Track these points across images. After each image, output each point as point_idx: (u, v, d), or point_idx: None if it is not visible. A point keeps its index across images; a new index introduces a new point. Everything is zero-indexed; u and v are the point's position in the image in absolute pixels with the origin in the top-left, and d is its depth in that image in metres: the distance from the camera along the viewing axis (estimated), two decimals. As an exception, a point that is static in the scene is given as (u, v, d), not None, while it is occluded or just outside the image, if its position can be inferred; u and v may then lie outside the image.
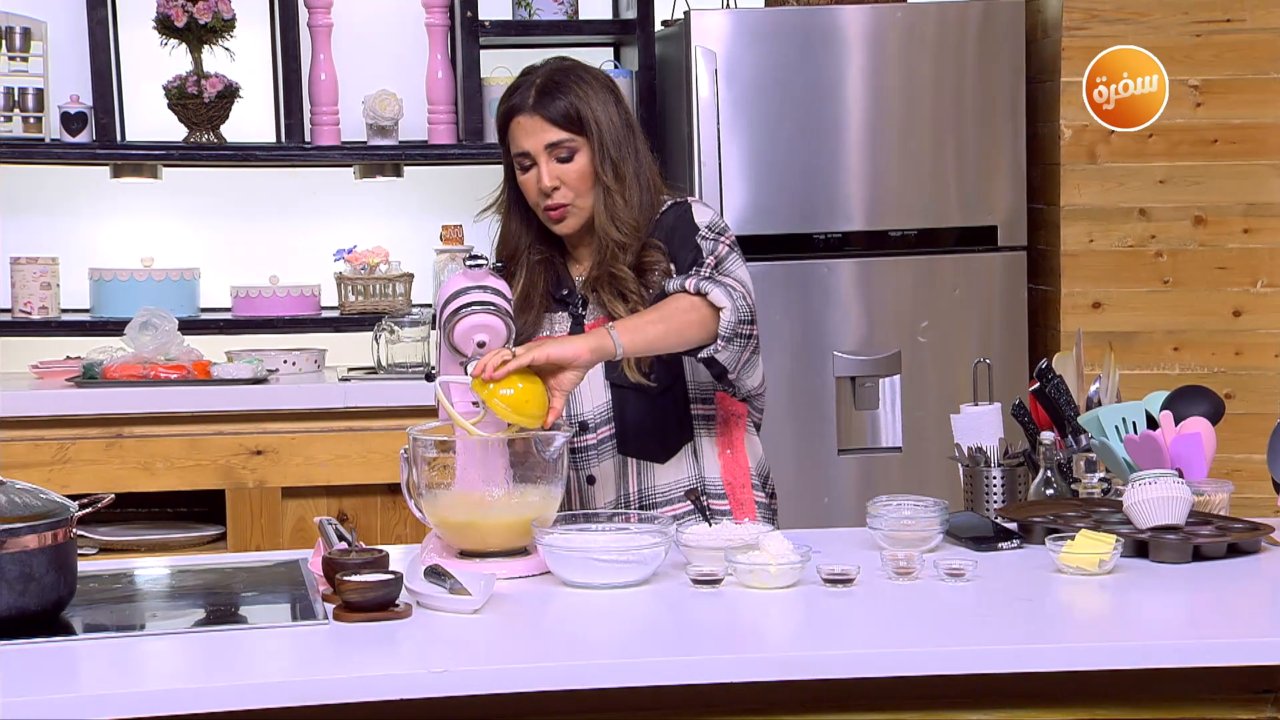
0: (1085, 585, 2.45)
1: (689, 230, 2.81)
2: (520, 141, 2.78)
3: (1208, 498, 2.77)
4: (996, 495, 2.88)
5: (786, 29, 4.36)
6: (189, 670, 2.15)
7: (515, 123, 2.78)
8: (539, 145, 2.76)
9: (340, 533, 2.49)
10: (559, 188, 2.77)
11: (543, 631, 2.32)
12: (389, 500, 4.14)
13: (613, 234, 2.77)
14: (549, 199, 2.77)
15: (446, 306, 2.59)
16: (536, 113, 2.76)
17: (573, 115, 2.76)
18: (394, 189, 4.71)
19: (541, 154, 2.76)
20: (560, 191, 2.77)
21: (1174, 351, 4.42)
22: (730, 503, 2.85)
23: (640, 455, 2.83)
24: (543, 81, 2.78)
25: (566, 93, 2.76)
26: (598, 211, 2.78)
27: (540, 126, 2.76)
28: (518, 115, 2.78)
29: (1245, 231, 4.40)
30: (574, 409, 2.82)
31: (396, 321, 4.36)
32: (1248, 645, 2.20)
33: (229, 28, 4.48)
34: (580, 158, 2.77)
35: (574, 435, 2.79)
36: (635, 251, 2.78)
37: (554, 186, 2.76)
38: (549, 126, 2.76)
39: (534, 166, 2.78)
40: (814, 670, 2.14)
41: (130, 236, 4.63)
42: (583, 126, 2.76)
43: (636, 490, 2.84)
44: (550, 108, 2.76)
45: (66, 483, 3.98)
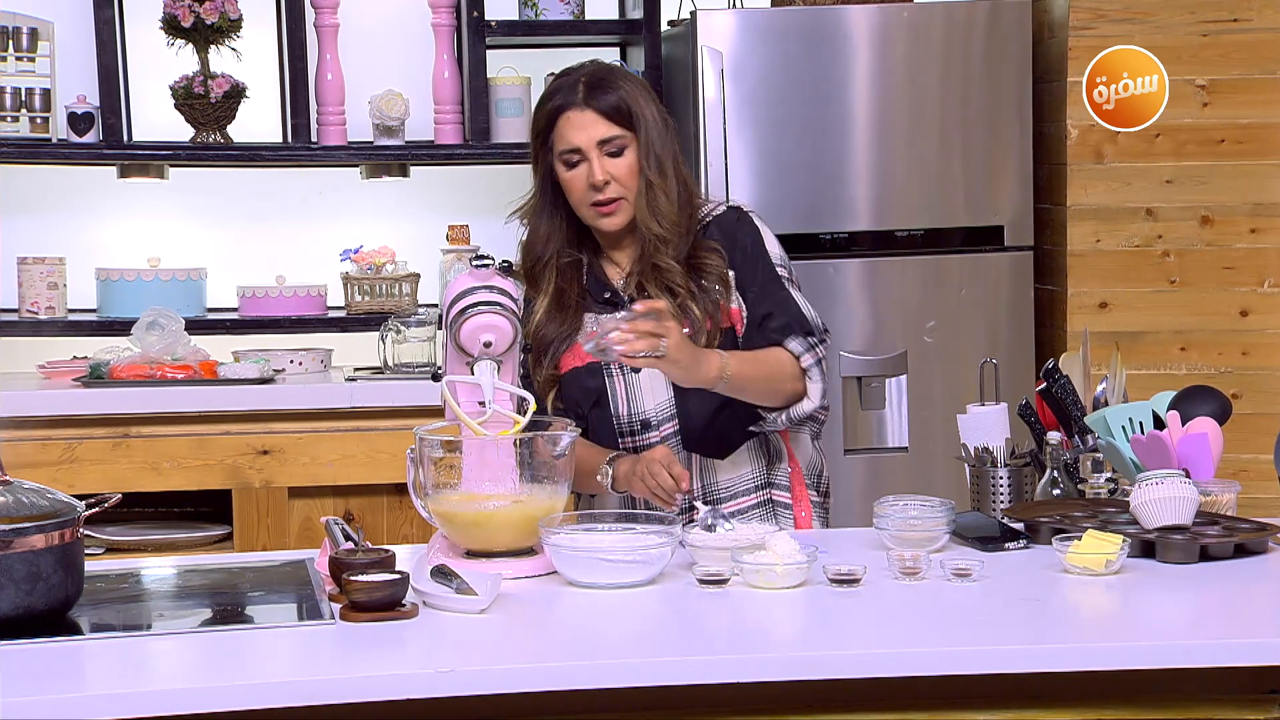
0: (1092, 585, 2.45)
1: (761, 255, 2.86)
2: (570, 137, 2.78)
3: (1214, 498, 2.77)
4: (1003, 495, 2.88)
5: (793, 29, 4.36)
6: (195, 670, 2.15)
7: (565, 118, 2.79)
8: (591, 140, 2.77)
9: (347, 532, 2.49)
10: (609, 182, 2.78)
11: (549, 631, 2.32)
12: (395, 500, 4.14)
13: (654, 228, 2.79)
14: (600, 193, 2.79)
15: (453, 306, 2.59)
16: (589, 107, 2.78)
17: (624, 110, 2.78)
18: (400, 189, 4.72)
19: (593, 149, 2.78)
20: (611, 186, 2.78)
21: (1181, 351, 4.41)
22: (790, 497, 2.89)
23: (701, 452, 2.86)
24: (590, 79, 2.80)
25: (616, 89, 2.79)
26: (639, 207, 2.80)
27: (592, 121, 2.77)
28: (567, 111, 2.79)
29: (1252, 231, 4.39)
30: (635, 406, 2.84)
31: (403, 321, 4.36)
32: (1255, 646, 2.20)
33: (235, 28, 4.48)
34: (629, 154, 2.79)
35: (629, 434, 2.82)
36: (679, 246, 2.81)
37: (605, 181, 2.78)
38: (601, 120, 2.77)
39: (582, 162, 2.79)
40: (820, 670, 2.14)
41: (137, 236, 4.64)
42: (632, 122, 2.78)
43: (700, 486, 2.86)
44: (602, 102, 2.78)
45: (73, 482, 3.98)
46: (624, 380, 2.85)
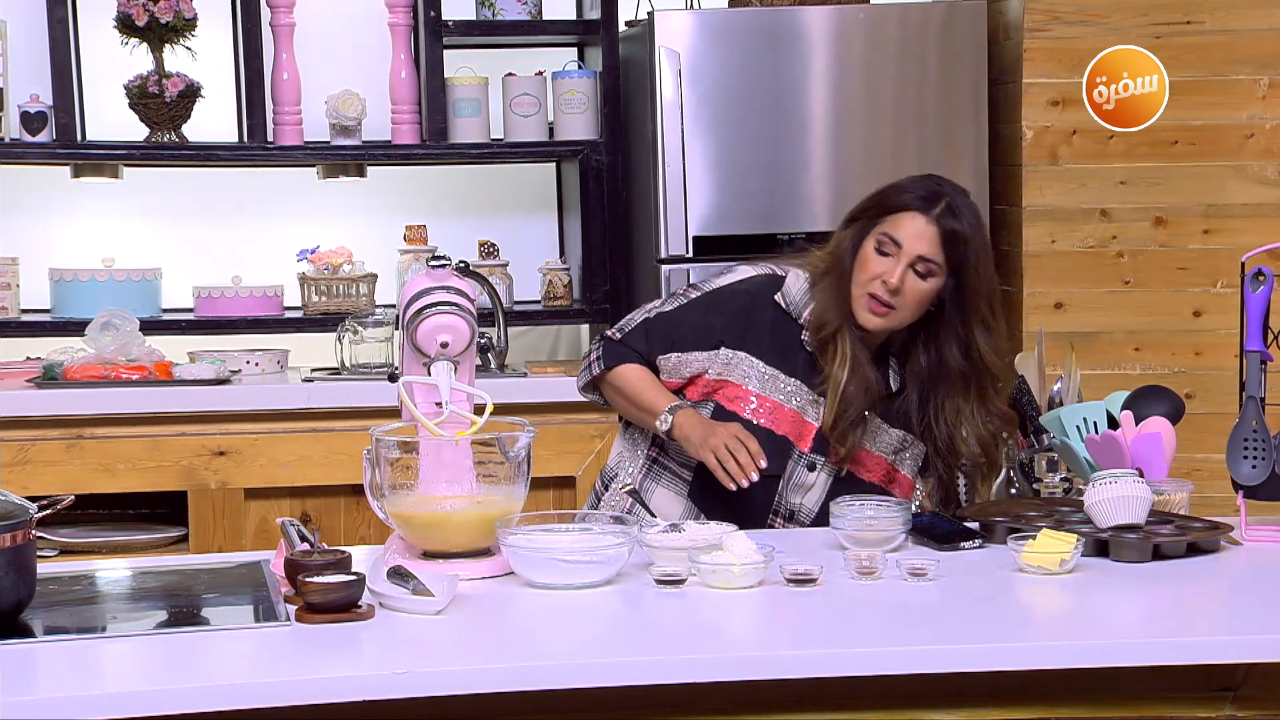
0: (1046, 584, 2.46)
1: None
2: (902, 234, 2.79)
3: (1168, 497, 2.79)
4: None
5: (750, 30, 4.37)
6: (150, 672, 2.14)
7: (911, 216, 2.79)
8: (914, 251, 2.78)
9: (303, 534, 2.48)
10: (898, 292, 2.78)
11: (506, 632, 2.32)
12: (352, 501, 4.12)
13: (994, 361, 2.84)
14: (883, 293, 2.79)
15: (410, 307, 2.59)
16: (936, 225, 2.78)
17: (959, 246, 2.79)
18: (357, 189, 4.70)
19: (909, 257, 2.78)
20: (897, 297, 2.79)
21: (1135, 352, 4.44)
22: None
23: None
24: (953, 202, 2.80)
25: (964, 223, 2.80)
26: (979, 340, 2.82)
27: (930, 237, 2.78)
28: (918, 213, 2.79)
29: (1205, 232, 4.42)
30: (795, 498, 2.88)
31: (360, 322, 4.35)
32: (1207, 644, 2.22)
33: (190, 27, 4.46)
34: (933, 282, 2.80)
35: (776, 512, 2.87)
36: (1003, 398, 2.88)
37: (896, 289, 2.78)
38: (936, 242, 2.78)
39: (892, 259, 2.79)
40: (777, 670, 2.15)
41: (91, 236, 4.61)
42: (958, 261, 2.79)
43: None
44: (948, 226, 2.78)
45: (26, 484, 3.95)
46: (798, 470, 2.87)
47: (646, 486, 2.91)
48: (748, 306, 2.88)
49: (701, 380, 2.88)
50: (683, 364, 2.89)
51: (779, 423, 2.84)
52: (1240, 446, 2.70)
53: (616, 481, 2.96)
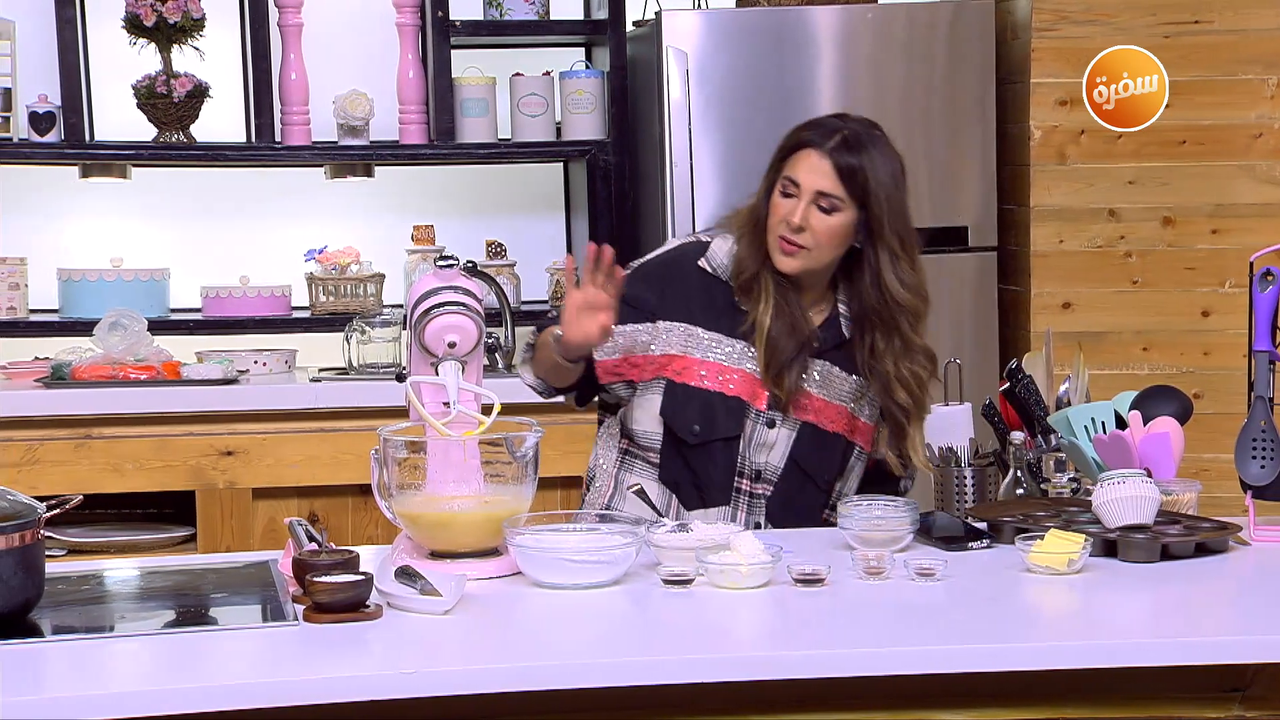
0: (1054, 585, 2.46)
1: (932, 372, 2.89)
2: (798, 172, 2.80)
3: (1176, 497, 2.78)
4: (967, 495, 2.89)
5: (758, 30, 4.37)
6: (158, 672, 2.14)
7: (805, 153, 2.80)
8: (811, 186, 2.78)
9: (310, 533, 2.48)
10: (804, 231, 2.79)
11: (513, 632, 2.32)
12: (360, 501, 4.13)
13: (902, 295, 2.81)
14: (790, 233, 2.79)
15: (417, 307, 2.59)
16: (829, 158, 2.78)
17: (859, 179, 2.78)
18: (365, 189, 4.70)
19: (809, 194, 2.78)
20: (803, 235, 2.79)
21: (1143, 352, 4.44)
22: None
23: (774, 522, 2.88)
24: (849, 135, 2.79)
25: (864, 156, 2.78)
26: (886, 274, 2.80)
27: (825, 170, 2.78)
28: (811, 149, 2.80)
29: (1213, 232, 4.42)
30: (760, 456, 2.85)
31: (367, 322, 4.35)
32: (1215, 644, 2.21)
33: (198, 27, 4.46)
34: (839, 217, 2.79)
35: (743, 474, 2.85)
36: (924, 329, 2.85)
37: (800, 228, 2.78)
38: (832, 175, 2.78)
39: (795, 198, 2.79)
40: (784, 670, 2.14)
41: (99, 237, 4.61)
42: (861, 194, 2.78)
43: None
44: (843, 160, 2.78)
45: (35, 484, 3.96)
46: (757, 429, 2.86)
47: (623, 479, 2.91)
48: (675, 275, 2.89)
49: (645, 360, 2.86)
50: (621, 338, 2.85)
51: (730, 385, 2.83)
52: (1249, 446, 2.70)
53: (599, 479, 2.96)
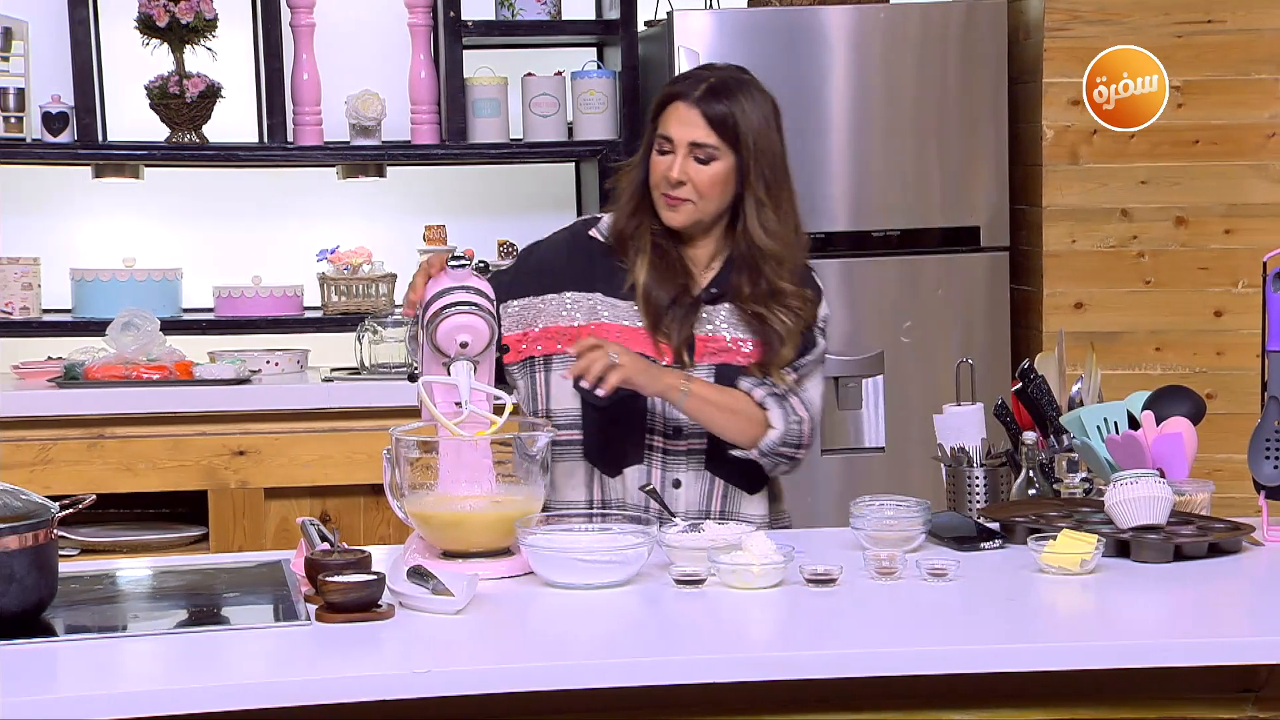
0: (1067, 585, 2.46)
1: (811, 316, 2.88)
2: (670, 127, 2.80)
3: (1189, 497, 2.78)
4: (979, 495, 2.89)
5: (769, 30, 4.36)
6: (170, 671, 2.14)
7: (674, 107, 2.81)
8: (684, 138, 2.79)
9: (323, 533, 2.48)
10: (685, 184, 2.79)
11: (526, 632, 2.32)
12: (372, 501, 4.13)
13: (765, 241, 2.81)
14: (671, 188, 2.80)
15: (429, 307, 2.59)
16: (697, 107, 2.79)
17: (729, 124, 2.78)
18: (377, 189, 4.71)
19: (683, 147, 2.79)
20: (685, 188, 2.80)
21: (1156, 352, 4.43)
22: None
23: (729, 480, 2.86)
24: (715, 83, 2.81)
25: (732, 102, 2.79)
26: (750, 220, 2.81)
27: (695, 121, 2.78)
28: (679, 101, 2.81)
29: (1226, 232, 4.41)
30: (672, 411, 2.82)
31: (379, 322, 4.36)
32: (1229, 645, 2.21)
33: (211, 27, 4.47)
34: (717, 166, 2.79)
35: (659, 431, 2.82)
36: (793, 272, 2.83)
37: (680, 181, 2.79)
38: (702, 125, 2.78)
39: (671, 154, 2.80)
40: (796, 670, 2.14)
41: (112, 237, 4.62)
42: (734, 139, 2.78)
43: (719, 509, 2.85)
44: (711, 108, 2.78)
45: (48, 483, 3.96)
46: None
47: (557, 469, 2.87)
48: (569, 246, 2.89)
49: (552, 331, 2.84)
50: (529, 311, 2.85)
51: (635, 344, 2.81)
52: (1262, 447, 2.69)
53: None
